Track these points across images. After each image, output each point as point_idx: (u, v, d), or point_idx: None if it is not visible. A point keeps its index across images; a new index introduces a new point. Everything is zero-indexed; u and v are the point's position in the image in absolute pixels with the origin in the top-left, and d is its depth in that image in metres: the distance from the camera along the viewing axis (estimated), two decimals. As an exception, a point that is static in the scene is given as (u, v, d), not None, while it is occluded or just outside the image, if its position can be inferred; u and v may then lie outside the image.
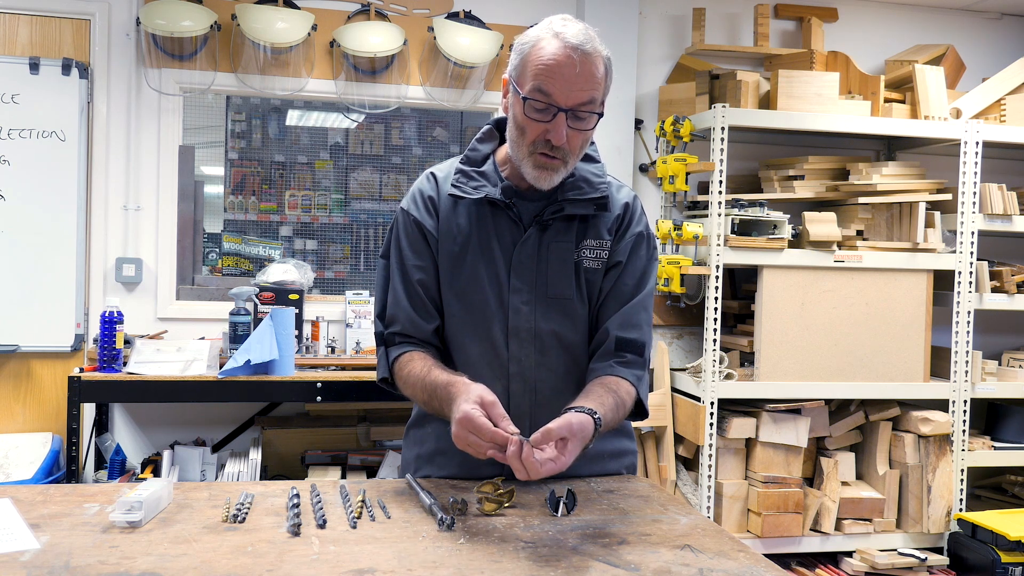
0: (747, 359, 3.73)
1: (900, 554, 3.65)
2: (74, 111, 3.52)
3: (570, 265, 1.68)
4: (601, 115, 1.60)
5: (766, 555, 1.46)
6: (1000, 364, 4.04)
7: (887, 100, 3.87)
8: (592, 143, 1.74)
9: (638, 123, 3.99)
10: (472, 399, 1.44)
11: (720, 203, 3.56)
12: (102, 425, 3.47)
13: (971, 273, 3.78)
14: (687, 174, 3.67)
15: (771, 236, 3.60)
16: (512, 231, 1.68)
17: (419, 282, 1.69)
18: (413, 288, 1.70)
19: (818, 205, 3.93)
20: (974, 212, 3.78)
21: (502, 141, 1.76)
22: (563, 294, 1.68)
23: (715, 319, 3.56)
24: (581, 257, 1.69)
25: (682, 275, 3.61)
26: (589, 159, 1.73)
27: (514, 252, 1.67)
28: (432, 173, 1.76)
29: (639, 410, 1.71)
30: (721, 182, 3.56)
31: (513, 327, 1.67)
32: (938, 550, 3.71)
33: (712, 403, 3.54)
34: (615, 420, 1.60)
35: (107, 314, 3.07)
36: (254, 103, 4.73)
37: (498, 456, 1.40)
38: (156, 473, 3.27)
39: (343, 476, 3.37)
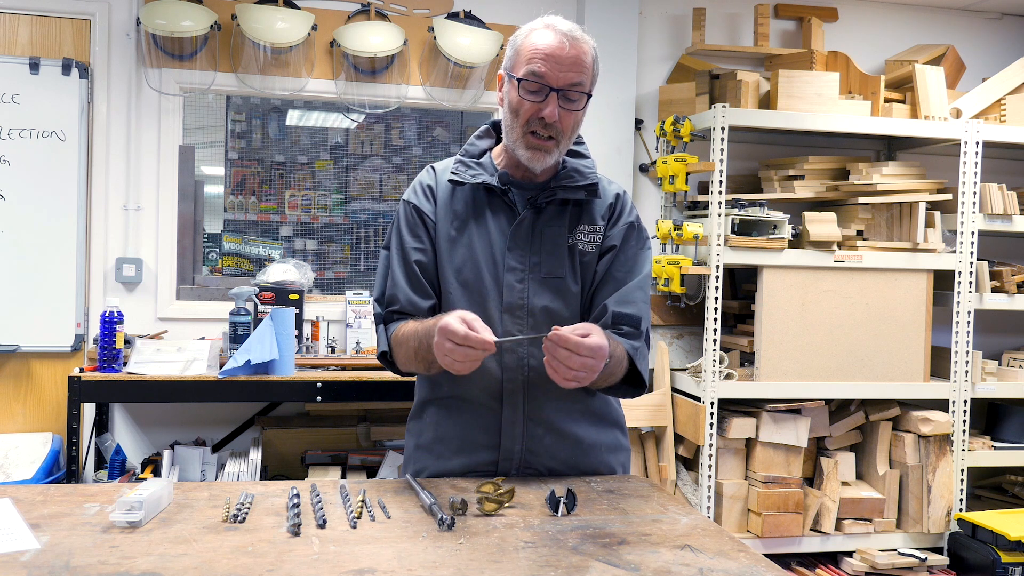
0: (747, 359, 3.73)
1: (900, 554, 3.65)
2: (74, 111, 3.52)
3: (563, 247, 1.76)
4: (590, 95, 1.70)
5: (766, 555, 1.46)
6: (1000, 364, 4.04)
7: (887, 100, 3.87)
8: (582, 142, 1.84)
9: (638, 123, 3.98)
10: (454, 314, 1.52)
11: (720, 203, 3.56)
12: (102, 425, 3.47)
13: (971, 273, 3.78)
14: (687, 174, 3.67)
15: (771, 236, 3.60)
16: (508, 214, 1.76)
17: (417, 263, 1.76)
18: (411, 269, 1.76)
19: (818, 205, 3.93)
20: (974, 212, 3.78)
21: (498, 141, 1.85)
22: (556, 273, 1.75)
23: (715, 319, 3.56)
24: (576, 240, 1.78)
25: (682, 275, 3.61)
26: (580, 155, 1.83)
27: (510, 233, 1.74)
28: (432, 166, 1.86)
29: (636, 380, 1.74)
30: (721, 182, 3.56)
31: (508, 303, 1.73)
32: (938, 550, 3.71)
33: (712, 403, 3.54)
34: (618, 361, 1.65)
35: (107, 314, 3.07)
36: (254, 103, 4.73)
37: (473, 361, 1.47)
38: (156, 473, 3.27)
39: (343, 476, 3.37)
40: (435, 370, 1.63)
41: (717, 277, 3.55)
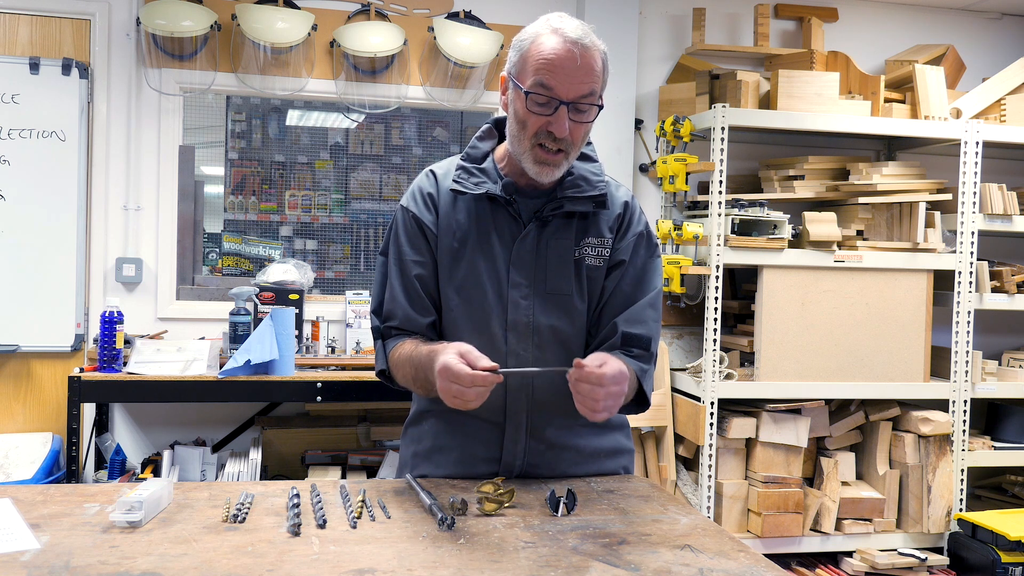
0: (747, 359, 3.72)
1: (900, 554, 3.65)
2: (74, 111, 3.52)
3: (569, 262, 1.70)
4: (601, 107, 1.62)
5: (766, 555, 1.46)
6: (1000, 364, 4.04)
7: (887, 100, 3.87)
8: (589, 143, 1.76)
9: (638, 123, 3.99)
10: (451, 351, 1.47)
11: (720, 203, 3.56)
12: (102, 425, 3.47)
13: (971, 273, 3.78)
14: (687, 174, 3.67)
15: (771, 236, 3.60)
16: (512, 227, 1.70)
17: (417, 277, 1.71)
18: (411, 283, 1.71)
19: (818, 205, 3.94)
20: (974, 212, 3.78)
21: (500, 139, 1.78)
22: (561, 290, 1.69)
23: (715, 319, 3.56)
24: (583, 254, 1.71)
25: (682, 275, 3.61)
26: (587, 159, 1.75)
27: (514, 247, 1.68)
28: (432, 171, 1.78)
29: (641, 400, 1.72)
30: (721, 182, 3.56)
31: (512, 321, 1.68)
32: (938, 550, 3.71)
33: (712, 403, 3.54)
34: (630, 386, 1.63)
35: (107, 314, 3.07)
36: (254, 103, 4.73)
37: (483, 396, 1.45)
38: (156, 473, 3.26)
39: (343, 476, 3.37)
40: (435, 395, 1.57)
41: (717, 277, 3.55)
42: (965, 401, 3.78)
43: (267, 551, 1.25)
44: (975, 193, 3.78)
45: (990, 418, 4.09)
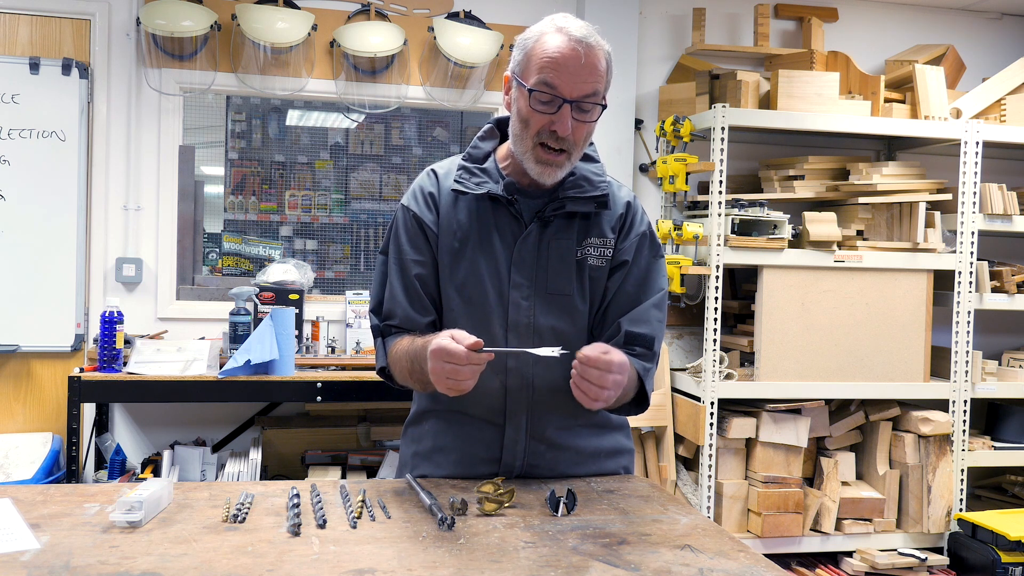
0: (747, 359, 3.73)
1: (900, 554, 3.65)
2: (74, 111, 3.52)
3: (570, 262, 1.70)
4: (604, 106, 1.63)
5: (766, 555, 1.46)
6: (1000, 364, 4.04)
7: (887, 100, 3.87)
8: (591, 144, 1.76)
9: (638, 123, 3.99)
10: (443, 335, 1.48)
11: (720, 203, 3.56)
12: (102, 425, 3.47)
13: (971, 273, 3.78)
14: (687, 174, 3.67)
15: (771, 236, 3.60)
16: (513, 227, 1.69)
17: (417, 276, 1.71)
18: (411, 283, 1.71)
19: (818, 205, 3.94)
20: (974, 212, 3.78)
21: (503, 139, 1.78)
22: (562, 290, 1.69)
23: (715, 319, 3.56)
24: (586, 255, 1.70)
25: (682, 275, 3.61)
26: (589, 159, 1.75)
27: (515, 247, 1.68)
28: (433, 170, 1.77)
29: (641, 400, 1.73)
30: (721, 182, 3.56)
31: (512, 322, 1.68)
32: (938, 550, 3.71)
33: (712, 403, 3.54)
34: (632, 384, 1.64)
35: (107, 314, 3.07)
36: (254, 103, 4.73)
37: (475, 377, 1.46)
38: (156, 473, 3.27)
39: (343, 476, 3.37)
40: (431, 389, 1.58)
41: (717, 277, 3.55)
42: (965, 401, 3.78)
43: (267, 551, 1.25)
44: (975, 193, 3.78)
45: (990, 418, 4.09)
